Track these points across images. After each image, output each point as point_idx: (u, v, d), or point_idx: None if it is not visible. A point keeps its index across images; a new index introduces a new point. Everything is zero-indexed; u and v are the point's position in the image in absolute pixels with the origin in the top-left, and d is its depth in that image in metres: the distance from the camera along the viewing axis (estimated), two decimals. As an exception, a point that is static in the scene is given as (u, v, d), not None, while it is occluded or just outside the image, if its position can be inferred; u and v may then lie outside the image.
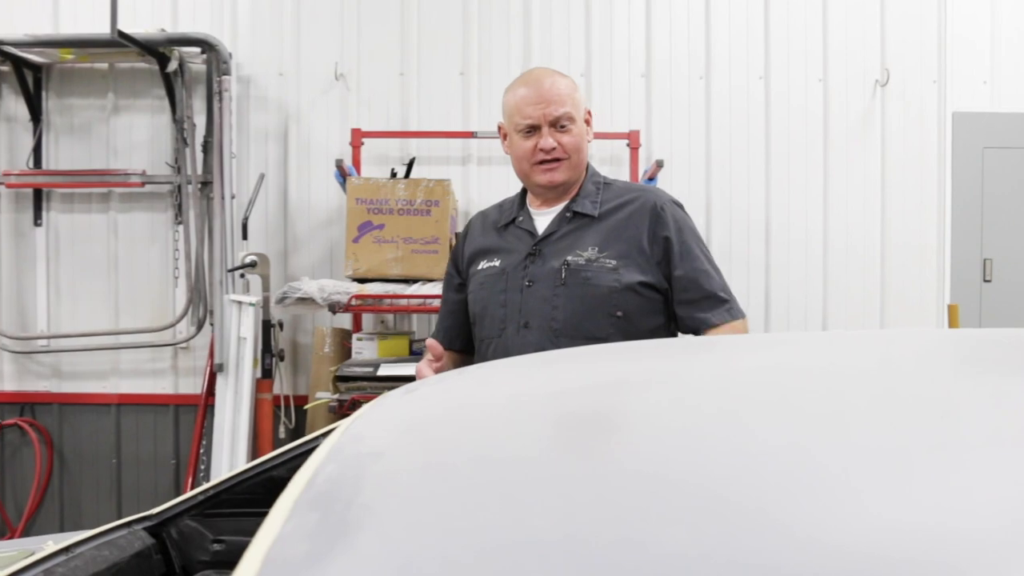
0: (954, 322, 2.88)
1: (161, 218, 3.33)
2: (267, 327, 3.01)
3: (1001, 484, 0.50)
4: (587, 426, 0.72)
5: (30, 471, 3.32)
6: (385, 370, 2.68)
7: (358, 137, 3.17)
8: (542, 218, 1.62)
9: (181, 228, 3.27)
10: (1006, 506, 0.47)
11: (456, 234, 2.49)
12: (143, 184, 3.26)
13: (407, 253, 2.85)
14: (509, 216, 1.66)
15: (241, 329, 2.96)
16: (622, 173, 3.17)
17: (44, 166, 3.32)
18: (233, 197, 3.17)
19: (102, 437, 3.33)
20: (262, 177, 3.24)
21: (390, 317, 3.26)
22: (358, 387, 2.66)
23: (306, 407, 2.95)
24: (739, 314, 1.58)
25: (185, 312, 3.26)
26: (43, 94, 3.32)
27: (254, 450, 2.95)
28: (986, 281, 3.22)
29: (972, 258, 3.23)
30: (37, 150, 3.31)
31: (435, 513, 0.54)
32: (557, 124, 1.56)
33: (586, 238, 1.57)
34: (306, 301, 2.80)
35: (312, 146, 3.30)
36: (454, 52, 3.28)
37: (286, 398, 3.12)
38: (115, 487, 3.34)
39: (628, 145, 3.17)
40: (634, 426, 0.69)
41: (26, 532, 3.29)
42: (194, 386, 3.28)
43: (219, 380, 3.02)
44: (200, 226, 3.27)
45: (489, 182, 3.22)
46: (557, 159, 1.57)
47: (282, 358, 3.13)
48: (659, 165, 3.07)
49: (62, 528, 3.30)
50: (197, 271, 3.25)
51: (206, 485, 1.21)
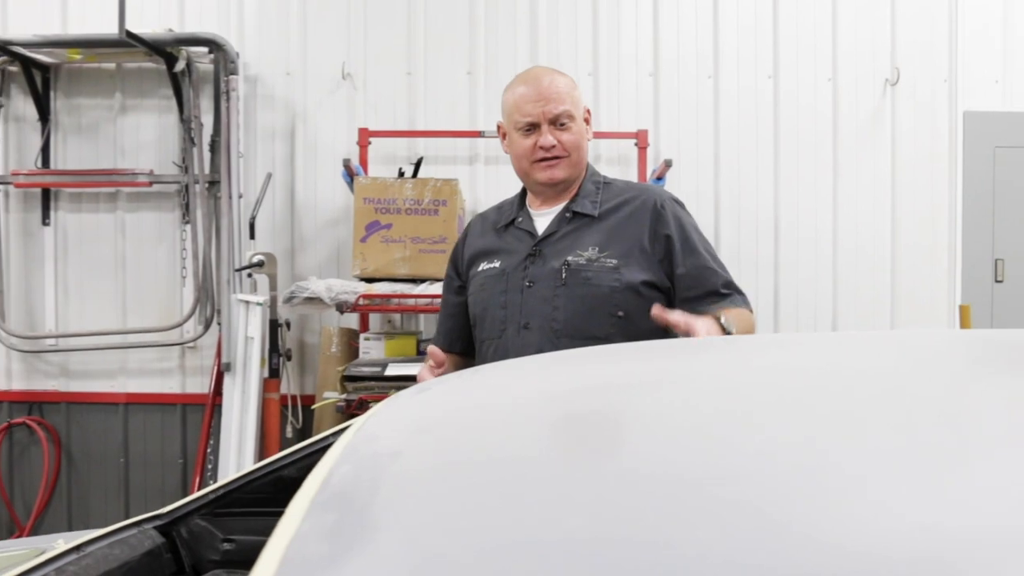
0: (966, 322, 2.85)
1: (168, 217, 3.33)
2: (274, 327, 3.01)
3: (1017, 486, 0.49)
4: (603, 426, 0.72)
5: (38, 470, 3.33)
6: (393, 370, 2.68)
7: (365, 137, 3.17)
8: (542, 218, 1.61)
9: (188, 227, 3.28)
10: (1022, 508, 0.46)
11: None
12: (150, 184, 3.26)
13: (415, 253, 2.85)
14: (508, 217, 1.65)
15: (248, 329, 2.96)
16: (630, 172, 3.16)
17: (52, 166, 3.33)
18: (240, 196, 3.17)
19: (110, 436, 3.34)
20: (269, 176, 3.24)
21: (397, 317, 3.26)
22: (366, 387, 2.66)
23: (314, 407, 2.95)
24: (744, 303, 1.54)
25: (192, 311, 3.26)
26: (51, 94, 3.33)
27: (261, 450, 2.95)
28: (998, 281, 3.20)
29: (983, 258, 3.21)
30: (45, 150, 3.32)
31: (453, 513, 0.54)
32: (556, 122, 1.55)
33: (586, 238, 1.55)
34: (314, 301, 2.80)
35: (319, 146, 3.30)
36: (461, 52, 3.28)
37: (293, 398, 3.12)
38: (123, 486, 3.35)
39: (636, 145, 3.16)
40: (651, 426, 0.69)
41: (34, 531, 3.30)
42: (201, 385, 3.28)
43: (226, 380, 3.02)
44: (207, 225, 3.27)
45: (497, 182, 3.21)
46: (557, 157, 1.57)
47: (289, 358, 3.13)
48: (667, 164, 3.06)
49: (70, 527, 3.31)
50: (204, 270, 3.25)
51: (216, 484, 1.21)
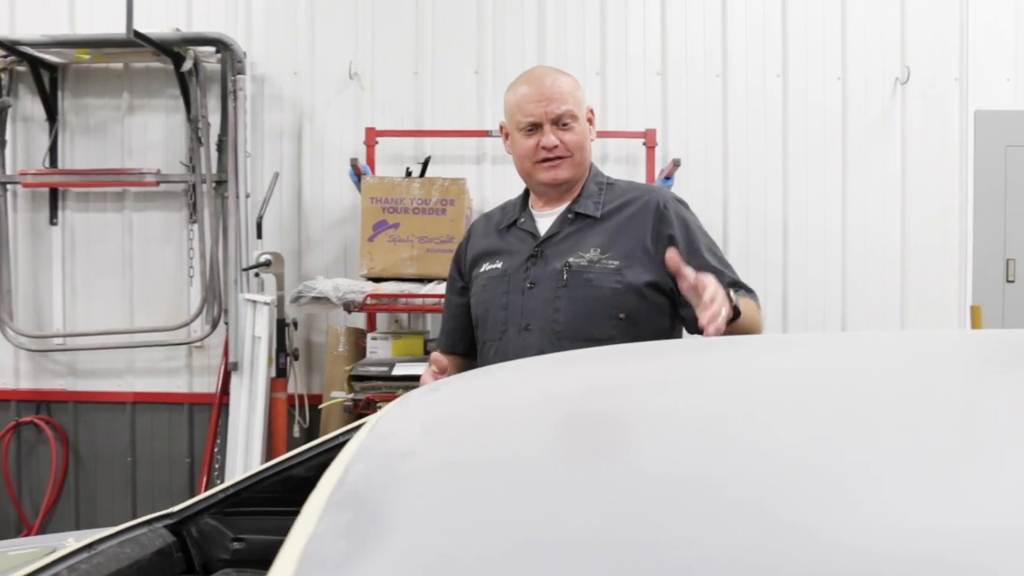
0: (977, 323, 2.83)
1: (176, 217, 3.34)
2: (281, 326, 3.01)
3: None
4: (617, 426, 0.72)
5: (46, 468, 3.33)
6: (400, 369, 2.68)
7: (372, 136, 3.17)
8: (544, 219, 1.60)
9: (196, 227, 3.28)
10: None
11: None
12: (158, 183, 3.27)
13: (422, 252, 2.84)
14: (511, 218, 1.64)
15: (256, 328, 2.96)
16: (638, 172, 3.15)
17: (60, 165, 3.33)
18: (248, 196, 3.17)
19: (117, 435, 3.34)
20: (276, 176, 3.24)
21: (404, 316, 3.25)
22: (373, 386, 2.66)
23: (321, 406, 2.95)
24: (752, 298, 1.50)
25: (200, 311, 3.27)
26: (59, 94, 3.34)
27: (268, 449, 2.95)
28: (1009, 281, 3.18)
29: (994, 258, 3.19)
30: (53, 150, 3.32)
31: (470, 512, 0.54)
32: (559, 122, 1.54)
33: (588, 239, 1.54)
34: (321, 300, 2.80)
35: (326, 145, 3.29)
36: (468, 51, 3.27)
37: (300, 397, 3.12)
38: (130, 485, 3.35)
39: (644, 144, 3.14)
40: (665, 426, 0.69)
41: (42, 529, 3.31)
42: (208, 385, 3.29)
43: (233, 379, 3.02)
44: (215, 225, 3.27)
45: (504, 181, 3.20)
46: (559, 157, 1.55)
47: (296, 357, 3.12)
48: (676, 164, 3.05)
49: (77, 525, 3.31)
50: (212, 270, 3.25)
51: (226, 484, 1.21)
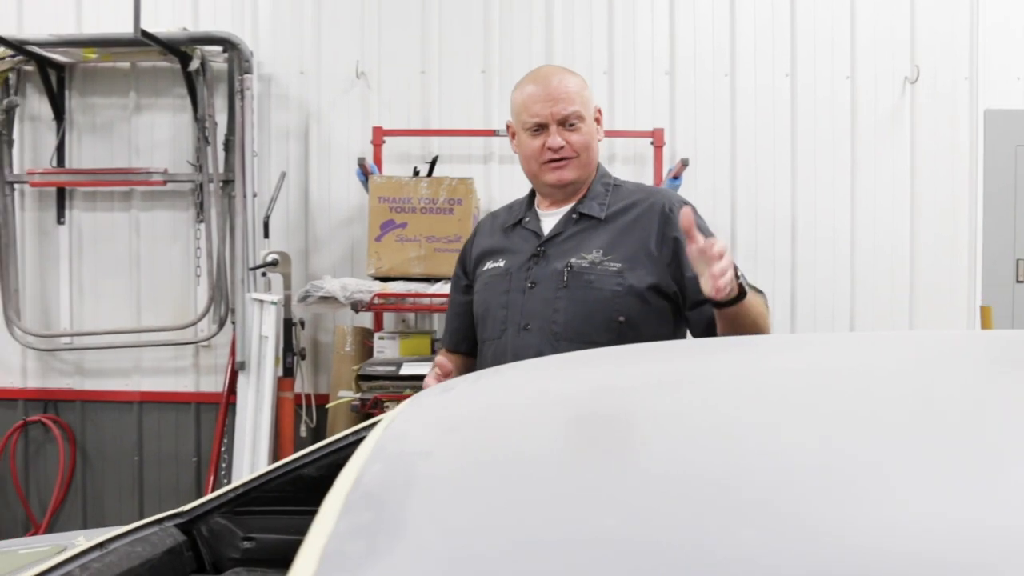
0: (987, 323, 2.82)
1: (183, 216, 3.34)
2: (288, 326, 3.01)
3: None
4: (633, 425, 0.71)
5: (53, 467, 3.34)
6: (407, 369, 2.67)
7: (379, 135, 3.16)
8: (549, 219, 1.59)
9: (203, 226, 3.28)
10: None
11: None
12: (165, 183, 3.27)
13: (430, 252, 2.84)
14: (516, 217, 1.63)
15: (263, 327, 2.96)
16: (646, 171, 3.14)
17: (67, 165, 3.34)
18: (255, 195, 3.17)
19: (124, 434, 3.35)
20: (283, 175, 3.24)
21: (411, 316, 3.25)
22: (380, 386, 2.66)
23: (328, 406, 2.95)
24: (760, 296, 1.47)
25: (207, 310, 3.27)
26: (66, 93, 3.34)
27: (275, 449, 2.95)
28: (1019, 282, 3.16)
29: (1004, 258, 3.17)
30: (60, 149, 3.33)
31: (488, 511, 0.53)
32: (566, 123, 1.53)
33: (591, 240, 1.53)
34: (328, 300, 2.79)
35: (333, 145, 3.29)
36: (475, 50, 3.27)
37: (307, 397, 3.12)
38: (137, 484, 3.35)
39: (652, 143, 3.13)
40: (679, 425, 0.68)
41: (50, 528, 3.32)
42: (215, 384, 3.29)
43: (240, 378, 3.02)
44: (222, 224, 3.27)
45: (511, 180, 3.19)
46: (566, 158, 1.54)
47: (303, 357, 3.12)
48: (684, 163, 3.04)
49: (85, 524, 3.32)
50: (219, 269, 3.26)
51: (236, 483, 1.20)
